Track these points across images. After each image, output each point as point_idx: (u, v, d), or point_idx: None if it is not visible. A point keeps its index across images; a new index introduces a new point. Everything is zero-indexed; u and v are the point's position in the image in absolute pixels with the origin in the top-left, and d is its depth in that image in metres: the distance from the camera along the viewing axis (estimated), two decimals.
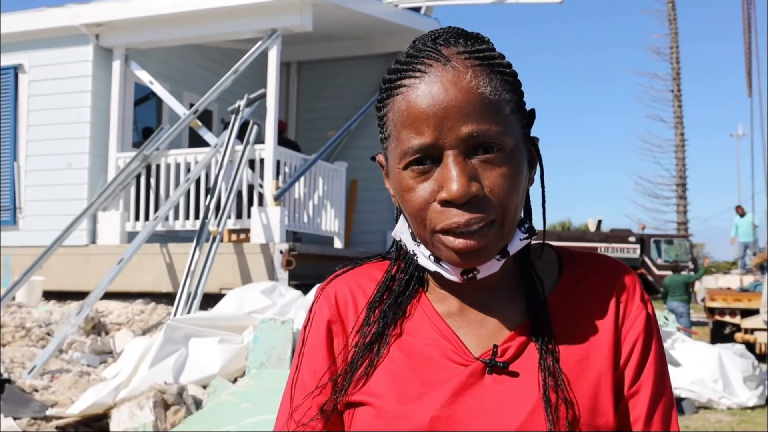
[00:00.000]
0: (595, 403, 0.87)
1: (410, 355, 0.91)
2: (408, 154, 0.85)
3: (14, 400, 5.04)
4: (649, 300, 0.96)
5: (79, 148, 9.07)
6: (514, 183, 0.85)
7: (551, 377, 0.86)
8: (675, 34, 34.77)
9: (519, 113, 0.89)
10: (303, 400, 0.95)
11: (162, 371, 5.13)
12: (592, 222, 21.65)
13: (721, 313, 11.58)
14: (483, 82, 0.84)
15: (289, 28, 8.66)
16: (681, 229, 33.05)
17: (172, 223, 8.62)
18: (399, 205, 0.91)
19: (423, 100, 0.84)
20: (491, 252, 0.86)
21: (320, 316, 0.98)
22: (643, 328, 0.93)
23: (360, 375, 0.91)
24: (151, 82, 9.04)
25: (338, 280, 1.01)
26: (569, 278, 0.96)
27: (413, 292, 0.96)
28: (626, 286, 0.94)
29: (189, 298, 6.93)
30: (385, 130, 0.90)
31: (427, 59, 0.85)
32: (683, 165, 34.68)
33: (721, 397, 7.56)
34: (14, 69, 9.41)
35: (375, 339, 0.93)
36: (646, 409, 0.90)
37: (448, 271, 0.88)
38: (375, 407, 0.89)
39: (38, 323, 7.12)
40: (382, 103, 0.90)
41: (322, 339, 0.97)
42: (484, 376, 0.88)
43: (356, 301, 0.97)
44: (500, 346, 0.89)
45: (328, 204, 9.73)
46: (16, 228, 9.35)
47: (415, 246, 0.92)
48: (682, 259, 19.32)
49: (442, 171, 0.84)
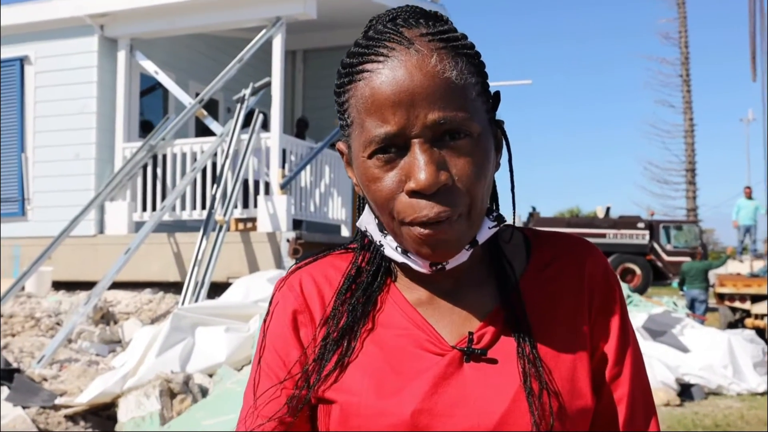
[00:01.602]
0: (573, 385, 0.86)
1: (383, 347, 0.88)
2: (373, 142, 0.81)
3: (24, 389, 5.08)
4: (617, 278, 0.95)
5: (86, 139, 9.10)
6: (482, 170, 0.83)
7: (531, 365, 0.84)
8: (683, 18, 34.54)
9: (484, 96, 0.86)
10: (272, 392, 0.90)
11: (169, 360, 5.15)
12: (601, 209, 21.55)
13: (731, 298, 11.54)
14: (449, 65, 0.81)
15: (293, 15, 8.63)
16: (690, 215, 32.94)
17: (179, 213, 8.64)
18: (363, 194, 0.88)
19: (387, 87, 0.80)
20: (461, 243, 0.83)
21: (284, 307, 0.93)
22: (618, 308, 0.92)
23: (331, 369, 0.87)
24: (157, 72, 9.04)
25: (301, 271, 0.96)
26: (538, 260, 0.94)
27: (381, 282, 0.92)
28: (595, 265, 0.93)
29: (196, 287, 6.95)
30: (347, 117, 0.86)
31: (389, 42, 0.82)
32: (692, 150, 34.52)
33: (731, 383, 7.54)
34: (20, 60, 9.43)
35: (345, 332, 0.89)
36: (628, 387, 0.91)
37: (416, 263, 0.86)
38: (352, 404, 0.85)
39: (47, 313, 7.16)
40: (342, 88, 0.86)
41: (289, 329, 0.92)
42: (463, 364, 0.86)
43: (322, 292, 0.93)
44: (475, 333, 0.87)
45: (335, 192, 9.73)
46: (25, 219, 9.40)
47: (382, 237, 0.89)
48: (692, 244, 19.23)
49: (408, 160, 0.81)
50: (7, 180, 9.48)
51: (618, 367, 0.91)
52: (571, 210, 38.39)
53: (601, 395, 0.90)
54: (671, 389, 7.11)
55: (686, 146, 34.62)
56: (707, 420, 6.41)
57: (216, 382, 5.00)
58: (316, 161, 9.19)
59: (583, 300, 0.91)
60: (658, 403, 6.85)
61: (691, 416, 6.51)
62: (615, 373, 0.91)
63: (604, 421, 0.91)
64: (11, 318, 6.94)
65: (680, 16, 34.62)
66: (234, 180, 7.89)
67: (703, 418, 6.46)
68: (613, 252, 19.46)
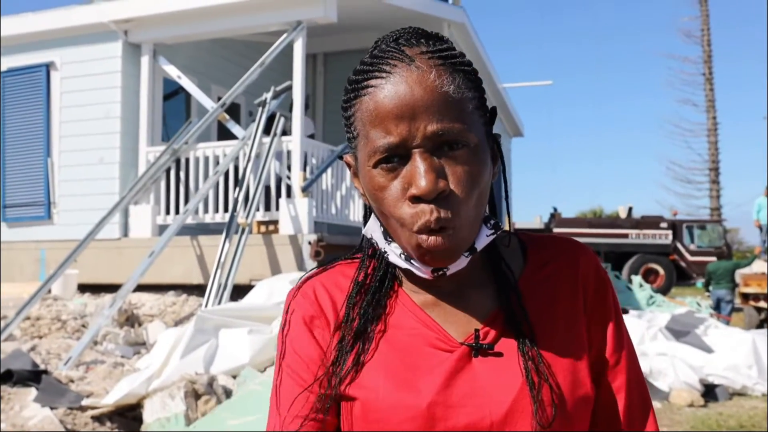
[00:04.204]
0: (574, 376, 0.92)
1: (396, 346, 0.94)
2: (377, 152, 0.87)
3: (51, 390, 5.16)
4: (608, 275, 1.02)
5: (110, 143, 9.21)
6: (479, 178, 0.88)
7: (531, 361, 0.90)
8: (706, 16, 34.21)
9: (481, 110, 0.92)
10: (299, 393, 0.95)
11: (193, 362, 5.21)
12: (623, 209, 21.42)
13: (756, 298, 11.43)
14: (446, 80, 0.87)
15: (313, 19, 8.68)
16: (714, 214, 32.58)
17: (202, 216, 8.72)
18: (369, 203, 0.94)
19: (390, 100, 0.86)
20: (460, 251, 0.89)
21: (301, 313, 0.99)
22: (611, 303, 0.99)
23: (350, 368, 0.93)
24: (179, 77, 9.14)
25: (313, 280, 1.02)
26: (534, 262, 1.00)
27: (389, 287, 0.98)
28: (588, 264, 1.00)
29: (219, 289, 7.01)
30: (353, 129, 0.92)
31: (392, 60, 0.88)
32: (716, 149, 34.16)
33: (756, 384, 7.46)
34: (46, 66, 9.57)
35: (359, 334, 0.94)
36: (625, 377, 0.97)
37: (419, 269, 0.92)
38: (371, 399, 0.91)
39: (73, 315, 7.26)
40: (348, 103, 0.92)
41: (307, 333, 0.97)
42: (471, 359, 0.92)
43: (334, 298, 0.98)
44: (481, 330, 0.93)
45: (356, 195, 9.76)
46: (51, 222, 9.54)
47: (386, 244, 0.95)
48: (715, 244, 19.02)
49: (410, 168, 0.86)
50: (33, 184, 9.63)
51: (614, 357, 0.98)
52: (593, 210, 38.12)
53: (600, 385, 0.97)
54: (695, 390, 7.07)
55: (709, 145, 34.27)
56: (731, 421, 6.36)
57: (240, 383, 5.05)
58: (337, 164, 9.23)
59: (578, 297, 0.98)
60: (682, 404, 6.81)
61: (716, 417, 6.46)
62: (612, 364, 0.97)
63: (605, 409, 0.97)
64: (38, 320, 7.06)
65: (702, 14, 34.30)
66: (256, 183, 7.96)
67: (728, 419, 6.42)
68: (635, 252, 19.32)
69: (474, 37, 12.01)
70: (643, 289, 12.31)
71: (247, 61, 9.53)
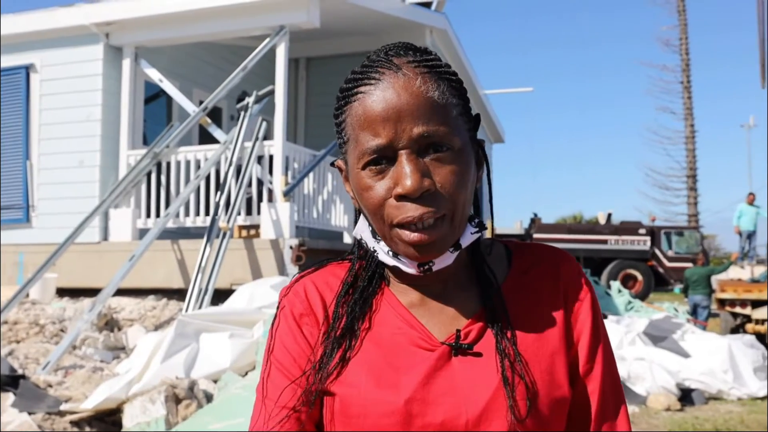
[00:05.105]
0: (551, 377, 0.96)
1: (380, 344, 0.98)
2: (366, 154, 0.92)
3: (29, 395, 5.13)
4: (590, 282, 1.05)
5: (91, 146, 9.16)
6: (463, 179, 0.93)
7: (507, 359, 0.94)
8: (684, 26, 34.63)
9: (465, 117, 0.97)
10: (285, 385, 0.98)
11: (173, 366, 5.20)
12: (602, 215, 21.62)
13: (732, 304, 11.56)
14: (431, 87, 0.92)
15: (296, 24, 8.70)
16: (692, 220, 32.93)
17: (183, 220, 8.70)
18: (358, 204, 0.98)
19: (378, 105, 0.91)
20: (445, 245, 0.93)
21: (291, 310, 1.03)
22: (590, 308, 1.02)
23: (334, 366, 0.97)
24: (161, 80, 9.11)
25: (304, 279, 1.06)
26: (518, 268, 1.04)
27: (377, 287, 1.03)
28: (570, 271, 1.04)
29: (200, 293, 7.00)
30: (344, 134, 0.97)
31: (380, 68, 0.94)
32: (693, 157, 34.55)
33: (731, 388, 7.56)
34: (26, 68, 9.51)
35: (345, 332, 0.99)
36: (599, 381, 1.00)
37: (406, 265, 0.96)
38: (353, 395, 0.95)
39: (52, 320, 7.21)
40: (339, 110, 0.97)
41: (296, 329, 1.02)
42: (451, 358, 0.96)
43: (324, 297, 1.03)
44: (462, 330, 0.97)
45: (338, 199, 9.78)
46: (30, 226, 9.46)
47: (375, 243, 0.99)
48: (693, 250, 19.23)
49: (396, 169, 0.91)
50: (12, 187, 9.54)
51: (591, 362, 1.01)
52: (573, 216, 38.38)
53: (576, 386, 1.00)
54: (672, 394, 7.15)
55: (687, 152, 34.66)
56: (708, 424, 6.45)
57: (221, 387, 5.04)
58: (319, 169, 9.25)
59: (559, 301, 1.02)
60: (659, 408, 6.89)
61: (692, 421, 6.55)
62: (588, 368, 1.01)
63: (578, 410, 1.00)
64: (16, 324, 7.00)
65: (681, 24, 34.71)
66: (237, 187, 7.95)
67: (704, 423, 6.50)
68: (614, 258, 19.49)
69: (456, 43, 12.09)
70: (622, 294, 12.42)
71: (229, 65, 9.54)
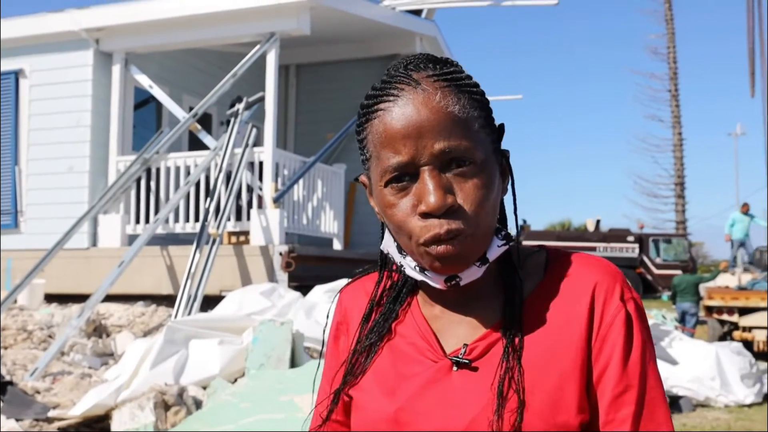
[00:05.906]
0: (556, 399, 0.90)
1: (395, 353, 1.01)
2: (387, 172, 0.91)
3: (16, 402, 5.10)
4: (632, 299, 0.96)
5: (80, 152, 9.13)
6: (487, 193, 0.91)
7: (508, 375, 0.91)
8: (672, 34, 34.90)
9: (488, 128, 0.95)
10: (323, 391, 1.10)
11: (162, 372, 5.18)
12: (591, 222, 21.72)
13: (719, 311, 11.62)
14: (452, 101, 0.91)
15: (287, 31, 8.72)
16: (680, 228, 33.11)
17: (173, 226, 8.68)
18: (383, 220, 0.98)
19: (398, 122, 0.90)
20: (470, 259, 0.92)
21: (333, 319, 1.13)
22: (623, 328, 0.93)
23: (357, 373, 1.02)
24: (151, 86, 9.10)
25: (347, 287, 1.13)
26: (550, 279, 0.98)
27: (404, 299, 1.05)
28: (606, 285, 0.95)
29: (189, 300, 6.98)
30: (366, 151, 0.96)
31: (399, 84, 0.92)
32: (681, 164, 34.77)
33: (719, 395, 7.61)
34: (15, 74, 9.48)
35: (371, 341, 1.04)
36: (633, 408, 0.92)
37: (433, 279, 0.95)
38: (362, 400, 0.99)
39: (40, 326, 7.17)
40: (361, 127, 0.97)
41: (334, 339, 1.11)
42: (451, 372, 0.96)
43: (360, 304, 1.09)
44: (470, 345, 0.96)
45: (327, 206, 9.79)
46: (18, 231, 9.41)
47: (402, 258, 0.98)
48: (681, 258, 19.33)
49: (419, 186, 0.90)
50: (0, 192, 9.50)
51: (618, 394, 0.92)
52: (562, 223, 38.51)
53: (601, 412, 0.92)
54: None
55: (675, 160, 34.88)
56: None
57: (210, 394, 5.03)
58: (309, 175, 9.26)
59: (583, 319, 0.94)
60: None
61: (679, 428, 6.58)
62: (615, 401, 0.92)
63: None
64: (3, 330, 6.96)
65: (669, 32, 34.98)
66: (227, 193, 7.95)
67: (691, 430, 6.53)
68: None
69: (446, 50, 12.13)
70: None
71: (219, 72, 9.53)
